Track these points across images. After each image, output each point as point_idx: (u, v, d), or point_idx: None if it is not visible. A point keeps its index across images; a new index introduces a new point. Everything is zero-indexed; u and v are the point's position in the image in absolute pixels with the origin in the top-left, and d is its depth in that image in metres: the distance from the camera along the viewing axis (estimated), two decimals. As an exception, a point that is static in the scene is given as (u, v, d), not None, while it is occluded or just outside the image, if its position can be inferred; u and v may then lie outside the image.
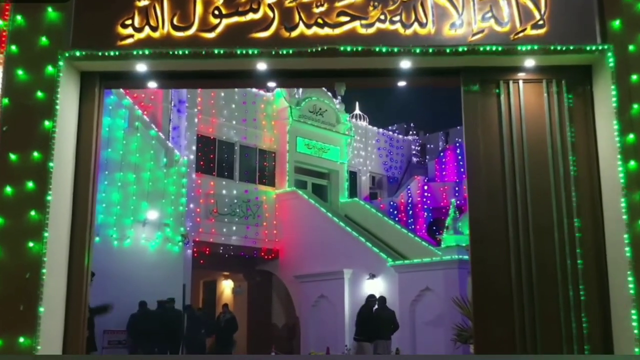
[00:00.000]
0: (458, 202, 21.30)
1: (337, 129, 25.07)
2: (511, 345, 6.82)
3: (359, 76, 7.67)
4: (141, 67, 7.40)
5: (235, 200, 21.50)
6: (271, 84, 7.78)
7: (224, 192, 21.35)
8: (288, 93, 23.59)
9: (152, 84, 7.86)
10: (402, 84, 7.80)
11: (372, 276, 19.05)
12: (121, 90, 18.24)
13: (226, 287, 24.27)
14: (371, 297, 16.01)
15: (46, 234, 6.75)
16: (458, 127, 29.58)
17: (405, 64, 7.34)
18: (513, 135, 7.35)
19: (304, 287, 20.76)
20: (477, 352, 7.08)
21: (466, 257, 16.53)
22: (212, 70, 7.52)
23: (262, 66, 7.34)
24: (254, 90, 22.91)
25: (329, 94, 25.14)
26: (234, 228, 21.26)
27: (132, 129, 18.21)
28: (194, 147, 20.66)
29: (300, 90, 24.17)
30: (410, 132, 30.16)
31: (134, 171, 17.94)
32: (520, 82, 7.44)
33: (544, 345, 6.78)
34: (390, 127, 29.79)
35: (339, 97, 25.55)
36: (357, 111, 27.99)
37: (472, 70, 7.41)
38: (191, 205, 19.87)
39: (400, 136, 29.53)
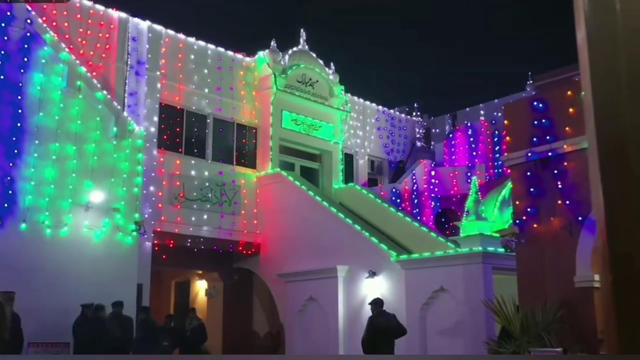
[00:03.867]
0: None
1: (330, 102, 21.57)
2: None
3: None
4: None
5: (207, 184, 18.25)
6: None
7: (192, 173, 18.04)
8: (272, 59, 20.01)
9: None
10: None
11: (372, 274, 16.02)
12: (55, 38, 14.85)
13: (201, 288, 21.48)
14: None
15: None
16: (467, 109, 26.11)
17: None
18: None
19: (289, 287, 17.88)
20: None
21: (500, 249, 12.98)
22: None
23: None
24: (232, 53, 19.45)
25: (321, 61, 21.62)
26: (205, 217, 18.01)
27: (72, 89, 15.10)
28: (155, 118, 17.44)
29: (287, 56, 20.60)
30: (414, 114, 26.50)
31: (74, 142, 14.99)
32: None
33: None
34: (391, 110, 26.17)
35: (332, 67, 22.07)
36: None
37: None
38: (151, 188, 16.81)
39: (403, 115, 25.84)
